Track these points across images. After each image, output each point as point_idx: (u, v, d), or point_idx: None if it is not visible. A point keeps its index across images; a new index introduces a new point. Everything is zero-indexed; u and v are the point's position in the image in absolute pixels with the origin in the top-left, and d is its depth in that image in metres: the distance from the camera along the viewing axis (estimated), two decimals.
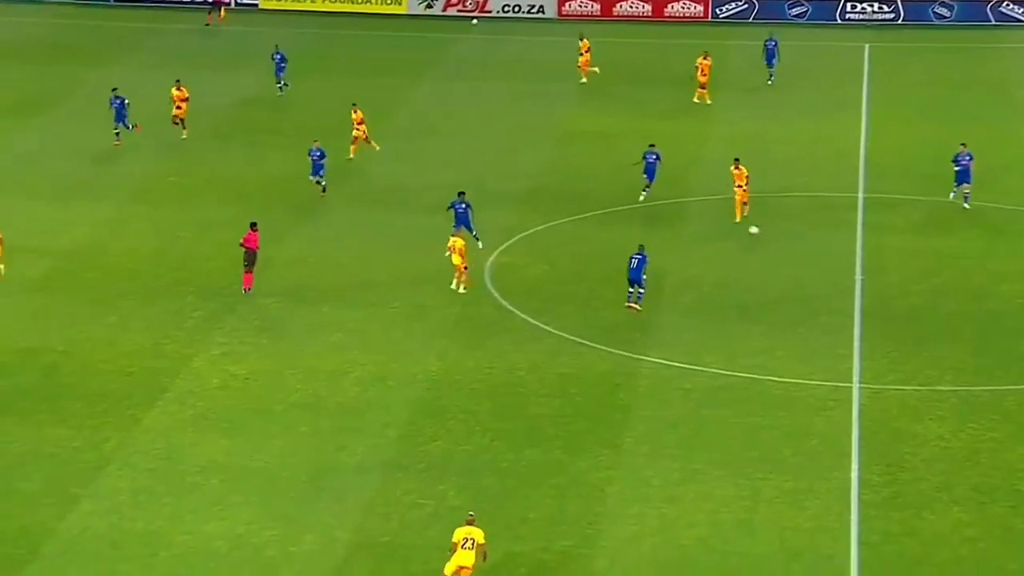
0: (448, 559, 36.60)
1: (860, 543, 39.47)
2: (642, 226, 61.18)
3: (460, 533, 36.70)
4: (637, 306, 52.56)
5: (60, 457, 43.56)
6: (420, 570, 37.98)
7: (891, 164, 69.17)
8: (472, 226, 57.10)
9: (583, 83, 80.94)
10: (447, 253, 54.39)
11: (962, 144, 62.99)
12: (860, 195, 65.28)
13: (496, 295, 54.91)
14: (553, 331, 51.89)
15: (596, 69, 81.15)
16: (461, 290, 54.05)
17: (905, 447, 44.31)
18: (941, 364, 49.46)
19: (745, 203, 60.95)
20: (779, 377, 48.54)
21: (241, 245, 54.20)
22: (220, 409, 46.44)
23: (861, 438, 44.81)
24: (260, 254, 54.56)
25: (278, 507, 41.04)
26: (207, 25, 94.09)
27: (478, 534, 36.62)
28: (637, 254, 52.72)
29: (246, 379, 48.39)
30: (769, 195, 64.79)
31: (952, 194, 62.79)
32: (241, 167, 68.09)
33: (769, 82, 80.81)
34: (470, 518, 37.10)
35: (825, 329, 52.14)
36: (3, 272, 54.50)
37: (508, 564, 38.50)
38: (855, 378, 48.57)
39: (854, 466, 43.23)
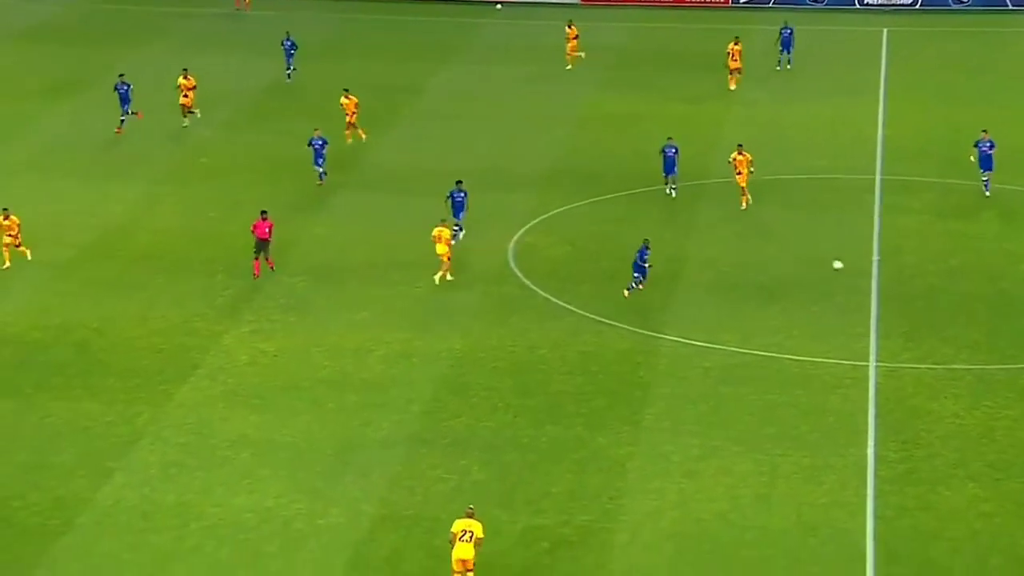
0: (451, 549, 36.44)
1: (876, 517, 39.60)
2: (661, 207, 61.32)
3: (459, 525, 36.24)
4: (626, 291, 52.44)
5: (94, 431, 43.90)
6: (444, 543, 38.02)
7: (908, 147, 69.06)
8: (463, 216, 56.71)
9: (568, 69, 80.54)
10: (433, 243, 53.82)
11: (983, 131, 62.74)
12: (877, 177, 65.20)
13: (518, 274, 55.05)
14: (574, 310, 52.03)
15: (582, 54, 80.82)
16: (448, 277, 53.38)
17: (921, 424, 44.39)
18: (956, 343, 49.48)
19: (742, 187, 60.33)
20: (796, 355, 48.62)
21: (252, 232, 54.32)
22: (249, 385, 46.69)
23: (877, 415, 44.89)
24: (288, 234, 54.71)
25: (306, 481, 41.29)
26: (237, 9, 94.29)
27: (477, 527, 36.09)
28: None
29: (274, 356, 48.63)
30: (788, 177, 64.87)
31: (986, 184, 62.23)
32: (270, 148, 68.25)
33: (789, 67, 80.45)
34: (469, 511, 36.72)
35: (842, 308, 52.18)
36: (29, 255, 54.79)
37: (529, 538, 38.69)
38: (871, 356, 48.62)
39: (870, 442, 43.33)
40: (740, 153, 60.68)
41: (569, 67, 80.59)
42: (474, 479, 41.45)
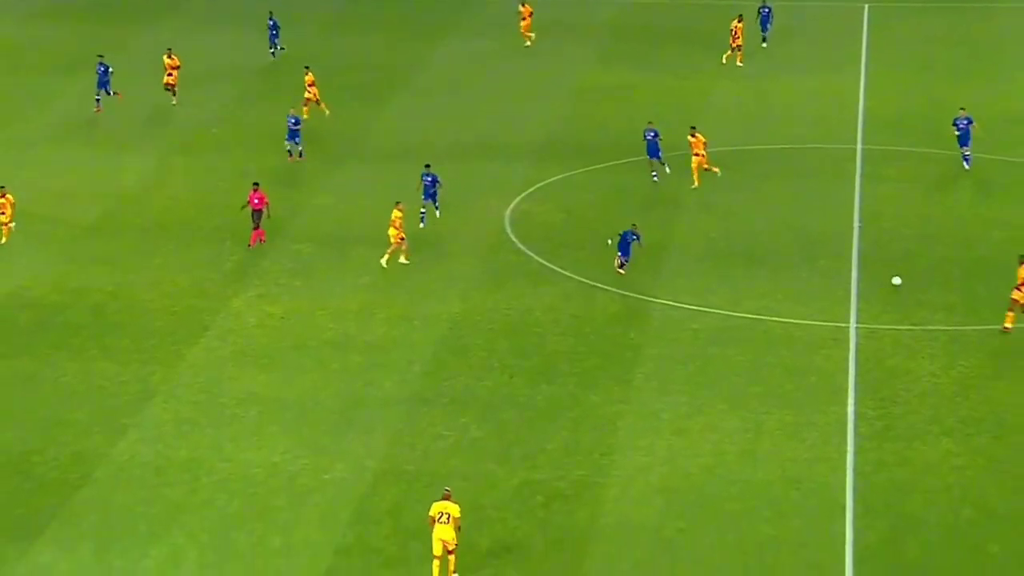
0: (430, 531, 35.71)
1: (855, 472, 39.84)
2: (649, 176, 61.32)
3: (436, 508, 35.20)
4: (621, 270, 51.80)
5: (109, 390, 44.12)
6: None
7: (888, 118, 69.09)
8: (437, 199, 55.96)
9: (528, 46, 79.61)
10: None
11: (961, 108, 62.65)
12: (859, 147, 65.31)
13: (515, 240, 55.20)
14: (568, 275, 52.19)
15: (531, 35, 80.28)
16: (402, 260, 52.37)
17: (899, 383, 44.62)
18: (933, 305, 49.67)
19: (706, 168, 59.60)
20: (781, 318, 48.82)
21: (247, 205, 54.20)
22: (257, 346, 46.90)
23: (857, 374, 45.11)
24: (294, 203, 54.71)
25: (311, 438, 41.53)
26: None
27: (454, 509, 35.07)
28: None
29: (281, 318, 48.83)
30: (774, 147, 64.97)
31: (966, 158, 62.13)
32: (278, 121, 68.12)
33: (764, 45, 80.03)
34: (446, 493, 35.59)
35: (824, 273, 52.37)
36: (11, 230, 54.33)
37: (525, 492, 38.93)
38: (852, 318, 48.83)
39: (850, 401, 43.56)
40: (693, 135, 59.87)
41: (528, 44, 79.68)
42: (472, 436, 41.68)
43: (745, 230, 56.29)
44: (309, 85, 67.28)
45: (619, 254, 51.58)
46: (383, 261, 52.37)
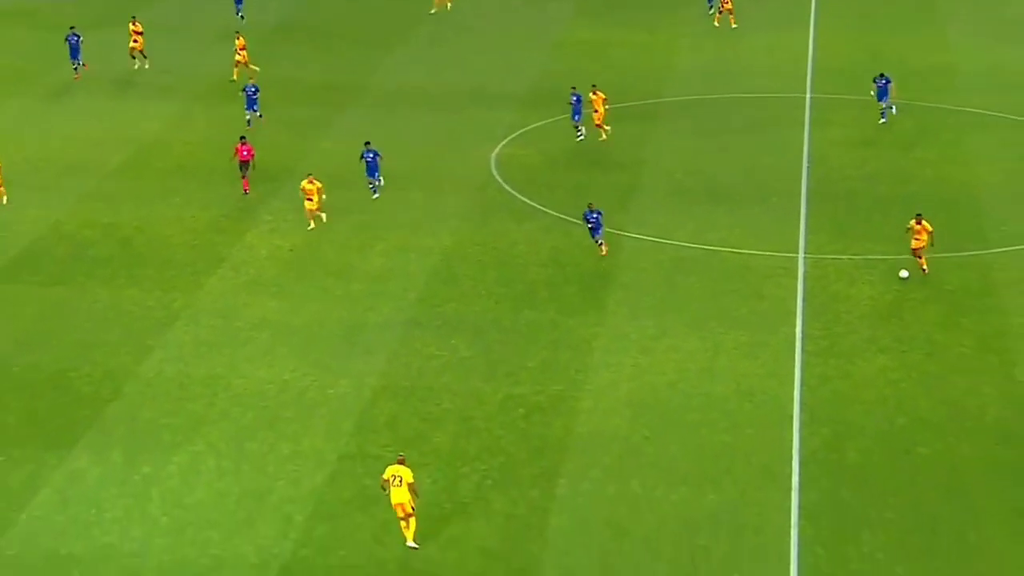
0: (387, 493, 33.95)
1: (802, 385, 40.11)
2: (623, 123, 61.26)
3: (390, 471, 33.08)
4: (602, 250, 48.53)
5: (136, 314, 44.22)
6: (435, 409, 38.68)
7: (834, 69, 69.06)
8: (378, 174, 53.00)
9: (433, 13, 78.34)
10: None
11: (880, 73, 62.37)
12: (808, 96, 65.31)
13: (500, 181, 55.21)
14: (548, 211, 52.25)
15: (448, 4, 79.22)
16: (311, 225, 49.80)
17: (841, 306, 44.85)
18: (873, 237, 49.83)
19: (598, 125, 58.15)
20: (737, 249, 48.97)
21: (235, 158, 53.53)
22: (269, 275, 46.98)
23: (805, 299, 45.32)
24: (300, 147, 54.40)
25: (317, 357, 41.68)
26: None
27: (406, 473, 32.92)
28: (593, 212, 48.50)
29: (290, 251, 48.88)
30: (732, 96, 64.89)
31: (883, 113, 61.85)
32: (288, 72, 68.02)
33: (709, 12, 79.16)
34: (400, 458, 33.62)
35: (777, 209, 52.46)
36: (5, 198, 53.75)
37: (509, 405, 39.15)
38: (800, 249, 49.00)
39: (798, 322, 43.78)
40: (594, 92, 58.51)
41: (433, 11, 78.37)
42: (461, 356, 41.87)
43: (706, 171, 56.35)
44: (240, 49, 66.05)
45: (592, 237, 48.29)
46: (313, 225, 50.20)
